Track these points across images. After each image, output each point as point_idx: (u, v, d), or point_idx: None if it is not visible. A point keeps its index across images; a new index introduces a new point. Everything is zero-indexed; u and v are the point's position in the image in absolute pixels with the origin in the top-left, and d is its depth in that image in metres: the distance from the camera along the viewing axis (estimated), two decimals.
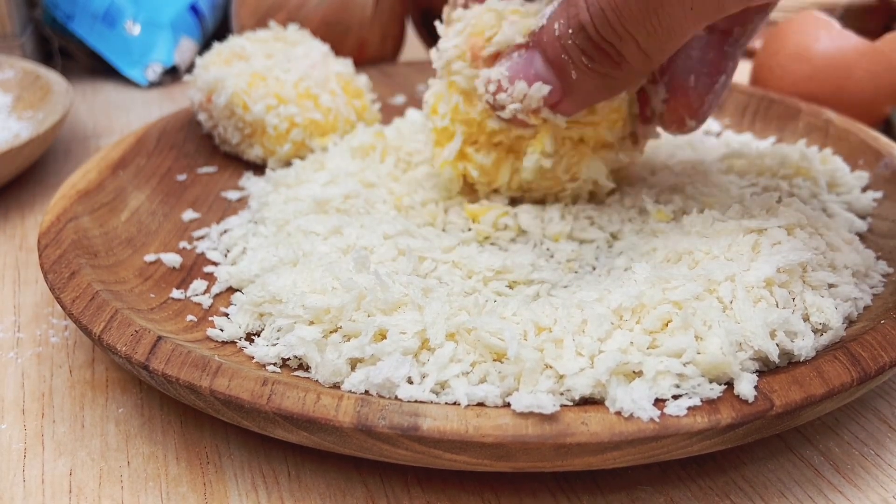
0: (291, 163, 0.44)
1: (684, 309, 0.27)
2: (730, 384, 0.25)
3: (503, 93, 0.34)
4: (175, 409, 0.31)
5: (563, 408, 0.24)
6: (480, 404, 0.25)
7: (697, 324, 0.26)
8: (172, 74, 0.68)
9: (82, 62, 0.69)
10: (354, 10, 0.60)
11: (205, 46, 0.67)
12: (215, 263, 0.36)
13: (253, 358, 0.29)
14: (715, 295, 0.28)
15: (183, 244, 0.38)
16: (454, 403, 0.25)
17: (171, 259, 0.36)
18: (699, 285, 0.28)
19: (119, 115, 0.60)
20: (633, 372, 0.26)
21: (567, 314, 0.27)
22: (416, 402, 0.25)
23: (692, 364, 0.25)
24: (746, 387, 0.25)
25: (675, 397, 0.25)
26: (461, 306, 0.29)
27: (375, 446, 0.24)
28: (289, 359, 0.29)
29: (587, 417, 0.24)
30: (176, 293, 0.33)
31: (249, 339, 0.31)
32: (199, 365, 0.26)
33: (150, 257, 0.36)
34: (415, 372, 0.26)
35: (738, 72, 0.36)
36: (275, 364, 0.29)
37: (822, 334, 0.28)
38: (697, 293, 0.28)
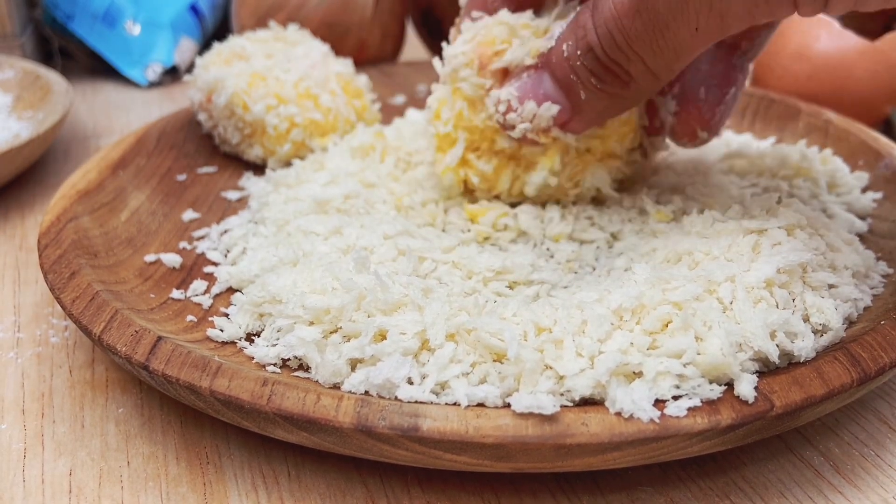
0: (291, 163, 0.44)
1: (684, 310, 0.27)
2: (730, 385, 0.25)
3: (513, 113, 0.34)
4: (175, 409, 0.31)
5: (563, 408, 0.24)
6: (480, 405, 0.25)
7: (697, 324, 0.26)
8: (172, 74, 0.68)
9: (82, 62, 0.69)
10: (354, 10, 0.60)
11: (205, 46, 0.67)
12: (215, 263, 0.36)
13: (253, 358, 0.29)
14: (715, 296, 0.28)
15: (183, 244, 0.38)
16: (454, 404, 0.25)
17: (171, 259, 0.36)
18: (699, 286, 0.28)
19: (119, 115, 0.60)
20: (633, 373, 0.26)
21: (567, 315, 0.27)
22: (416, 402, 0.25)
23: (692, 365, 0.25)
24: (746, 387, 0.25)
25: (676, 398, 0.25)
26: (461, 307, 0.29)
27: (375, 447, 0.24)
28: (289, 359, 0.29)
29: (587, 418, 0.24)
30: (176, 293, 0.33)
31: (249, 339, 0.31)
32: (199, 365, 0.26)
33: (150, 257, 0.36)
34: (415, 372, 0.26)
35: (741, 94, 0.36)
36: (275, 364, 0.29)
37: (822, 335, 0.28)
38: (697, 294, 0.28)
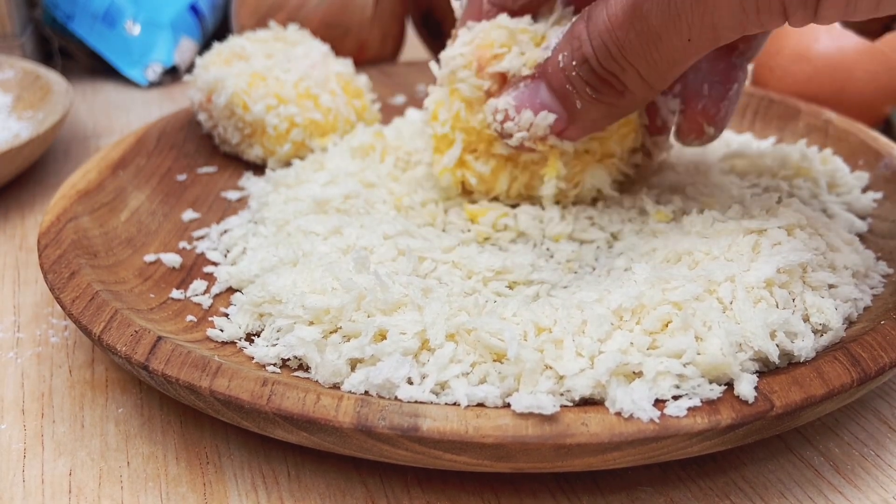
0: (291, 163, 0.44)
1: (684, 309, 0.27)
2: (730, 385, 0.25)
3: (510, 122, 0.34)
4: (175, 409, 0.31)
5: (563, 408, 0.24)
6: (480, 405, 0.25)
7: (697, 324, 0.26)
8: (172, 74, 0.68)
9: (82, 62, 0.69)
10: (354, 10, 0.60)
11: (205, 46, 0.67)
12: (215, 263, 0.36)
13: (253, 358, 0.29)
14: (715, 295, 0.28)
15: (183, 244, 0.38)
16: (454, 404, 0.25)
17: (171, 259, 0.36)
18: (699, 286, 0.28)
19: (119, 115, 0.60)
20: (633, 372, 0.26)
21: (567, 315, 0.27)
22: (415, 402, 0.25)
23: (692, 365, 0.25)
24: (746, 387, 0.25)
25: (675, 398, 0.25)
26: (461, 307, 0.29)
27: (375, 447, 0.24)
28: (289, 359, 0.29)
29: (587, 418, 0.24)
30: (176, 293, 0.33)
31: (249, 339, 0.31)
32: (199, 365, 0.26)
33: (150, 257, 0.36)
34: (415, 372, 0.26)
35: (743, 91, 0.36)
36: (275, 364, 0.29)
37: (822, 335, 0.28)
38: (697, 294, 0.28)
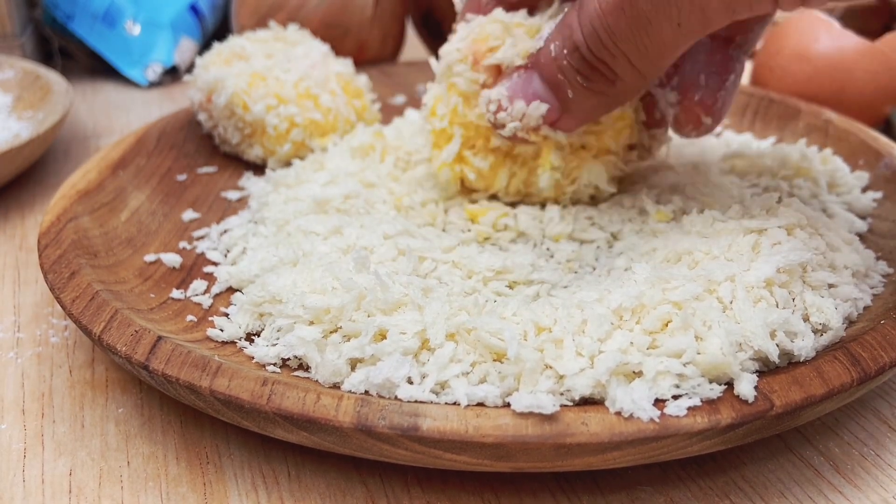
0: (291, 163, 0.44)
1: (684, 309, 0.27)
2: (730, 384, 0.25)
3: (503, 112, 0.34)
4: (175, 409, 0.31)
5: (563, 408, 0.24)
6: (480, 404, 0.25)
7: (697, 324, 0.26)
8: (172, 74, 0.68)
9: (82, 62, 0.69)
10: (354, 10, 0.60)
11: (205, 46, 0.67)
12: (215, 263, 0.36)
13: (253, 358, 0.29)
14: (715, 295, 0.28)
15: (183, 244, 0.38)
16: (454, 403, 0.25)
17: (171, 259, 0.36)
18: (699, 285, 0.28)
19: (119, 115, 0.60)
20: (633, 372, 0.26)
21: (567, 314, 0.27)
22: (416, 402, 0.25)
23: (692, 364, 0.25)
24: (746, 387, 0.25)
25: (675, 397, 0.25)
26: (461, 306, 0.29)
27: (375, 446, 0.24)
28: (289, 359, 0.29)
29: (587, 418, 0.24)
30: (176, 293, 0.33)
31: (249, 339, 0.31)
32: (199, 365, 0.26)
33: (150, 257, 0.36)
34: (415, 372, 0.26)
35: (740, 83, 0.36)
36: (275, 364, 0.29)
37: (822, 334, 0.28)
38: (697, 293, 0.28)
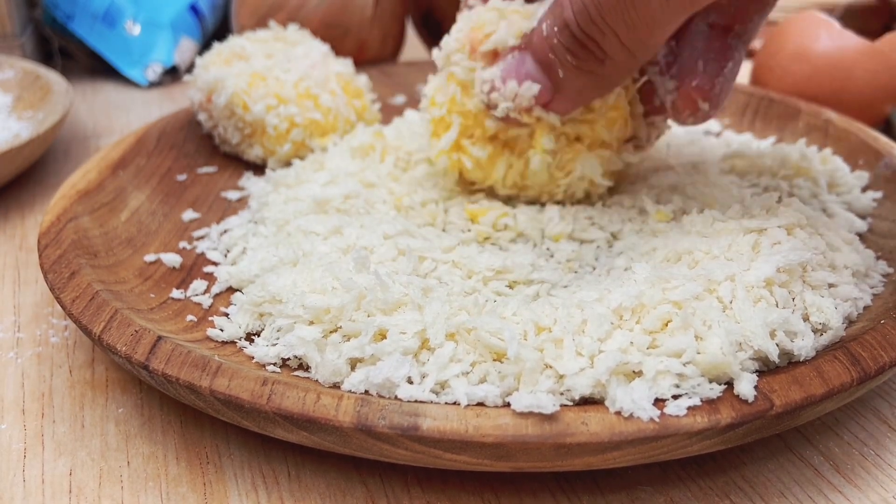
0: (291, 163, 0.44)
1: (684, 309, 0.27)
2: (730, 384, 0.25)
3: (496, 92, 0.35)
4: (175, 409, 0.31)
5: (563, 408, 0.24)
6: (480, 404, 0.25)
7: (697, 324, 0.26)
8: (172, 74, 0.68)
9: (82, 62, 0.69)
10: (354, 10, 0.60)
11: (205, 46, 0.67)
12: (215, 263, 0.36)
13: (253, 358, 0.29)
14: (715, 295, 0.28)
15: (183, 244, 0.38)
16: (454, 403, 0.25)
17: (171, 259, 0.36)
18: (699, 285, 0.28)
19: (119, 115, 0.60)
20: (633, 372, 0.26)
21: (567, 314, 0.27)
22: (416, 401, 0.25)
23: (692, 364, 0.25)
24: (746, 387, 0.25)
25: (675, 397, 0.25)
26: (461, 306, 0.29)
27: (375, 446, 0.24)
28: (289, 359, 0.29)
29: (587, 417, 0.24)
30: (176, 293, 0.33)
31: (249, 339, 0.31)
32: (199, 365, 0.26)
33: (150, 257, 0.36)
34: (415, 372, 0.26)
35: (739, 72, 0.36)
36: (275, 364, 0.29)
37: (822, 334, 0.28)
38: (697, 293, 0.28)
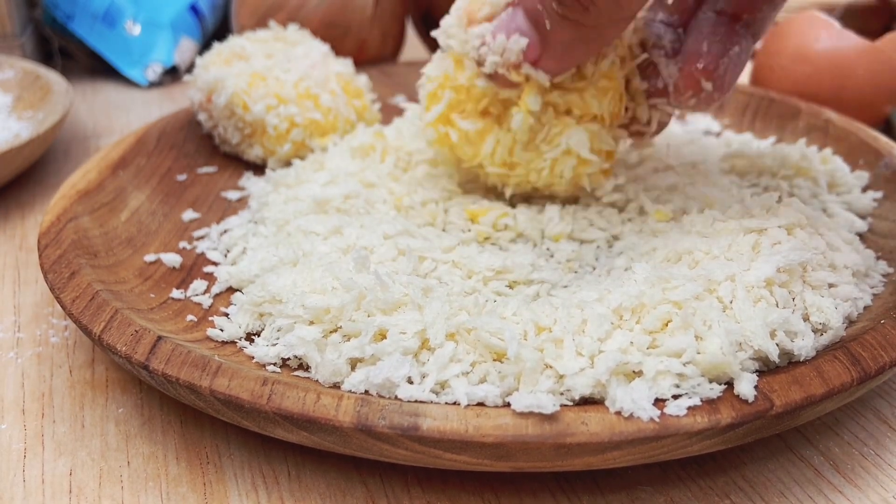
0: (291, 163, 0.44)
1: (684, 309, 0.27)
2: (730, 384, 0.25)
3: (485, 47, 0.34)
4: (175, 409, 0.31)
5: (563, 408, 0.24)
6: (480, 404, 0.25)
7: (697, 324, 0.26)
8: (172, 74, 0.68)
9: (82, 62, 0.69)
10: (354, 10, 0.60)
11: (205, 46, 0.67)
12: (215, 263, 0.36)
13: (253, 358, 0.29)
14: (715, 295, 0.28)
15: (183, 244, 0.38)
16: (454, 403, 0.25)
17: (171, 259, 0.36)
18: (699, 285, 0.28)
19: (119, 115, 0.60)
20: (633, 372, 0.26)
21: (567, 314, 0.27)
22: (416, 401, 0.25)
23: (692, 364, 0.25)
24: (746, 386, 0.25)
25: (675, 397, 0.25)
26: (461, 306, 0.29)
27: (375, 446, 0.24)
28: (289, 359, 0.29)
29: (587, 417, 0.24)
30: (176, 293, 0.33)
31: (249, 339, 0.31)
32: (199, 365, 0.26)
33: (150, 257, 0.36)
34: (415, 372, 0.26)
35: (746, 61, 0.36)
36: (275, 364, 0.29)
37: (822, 334, 0.28)
38: (697, 293, 0.28)
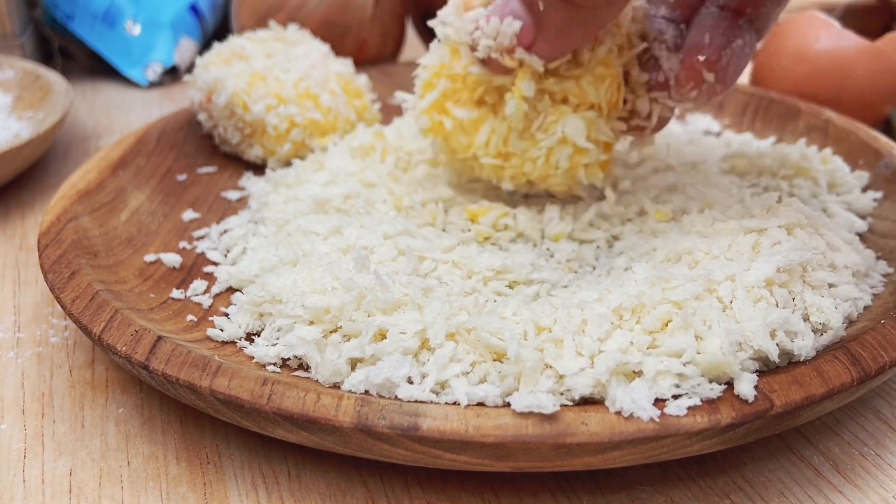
0: (291, 163, 0.44)
1: (684, 309, 0.27)
2: (730, 384, 0.25)
3: (479, 31, 0.34)
4: (175, 409, 0.31)
5: (563, 408, 0.24)
6: (480, 404, 0.25)
7: (697, 324, 0.26)
8: (172, 74, 0.68)
9: (82, 62, 0.69)
10: (354, 10, 0.60)
11: (205, 46, 0.67)
12: (215, 263, 0.36)
13: (253, 358, 0.29)
14: (715, 295, 0.28)
15: (183, 244, 0.38)
16: (454, 403, 0.25)
17: (171, 259, 0.36)
18: (699, 285, 0.28)
19: (119, 115, 0.60)
20: (633, 372, 0.26)
21: (567, 314, 0.27)
22: (416, 401, 0.25)
23: (692, 364, 0.25)
24: (746, 386, 0.25)
25: (675, 397, 0.25)
26: (461, 306, 0.29)
27: (375, 446, 0.24)
28: (289, 359, 0.29)
29: (587, 417, 0.24)
30: (176, 293, 0.33)
31: (249, 339, 0.31)
32: (199, 365, 0.26)
33: (150, 257, 0.36)
34: (415, 372, 0.26)
35: (750, 56, 0.35)
36: (275, 364, 0.29)
37: (822, 334, 0.28)
38: (697, 293, 0.28)
